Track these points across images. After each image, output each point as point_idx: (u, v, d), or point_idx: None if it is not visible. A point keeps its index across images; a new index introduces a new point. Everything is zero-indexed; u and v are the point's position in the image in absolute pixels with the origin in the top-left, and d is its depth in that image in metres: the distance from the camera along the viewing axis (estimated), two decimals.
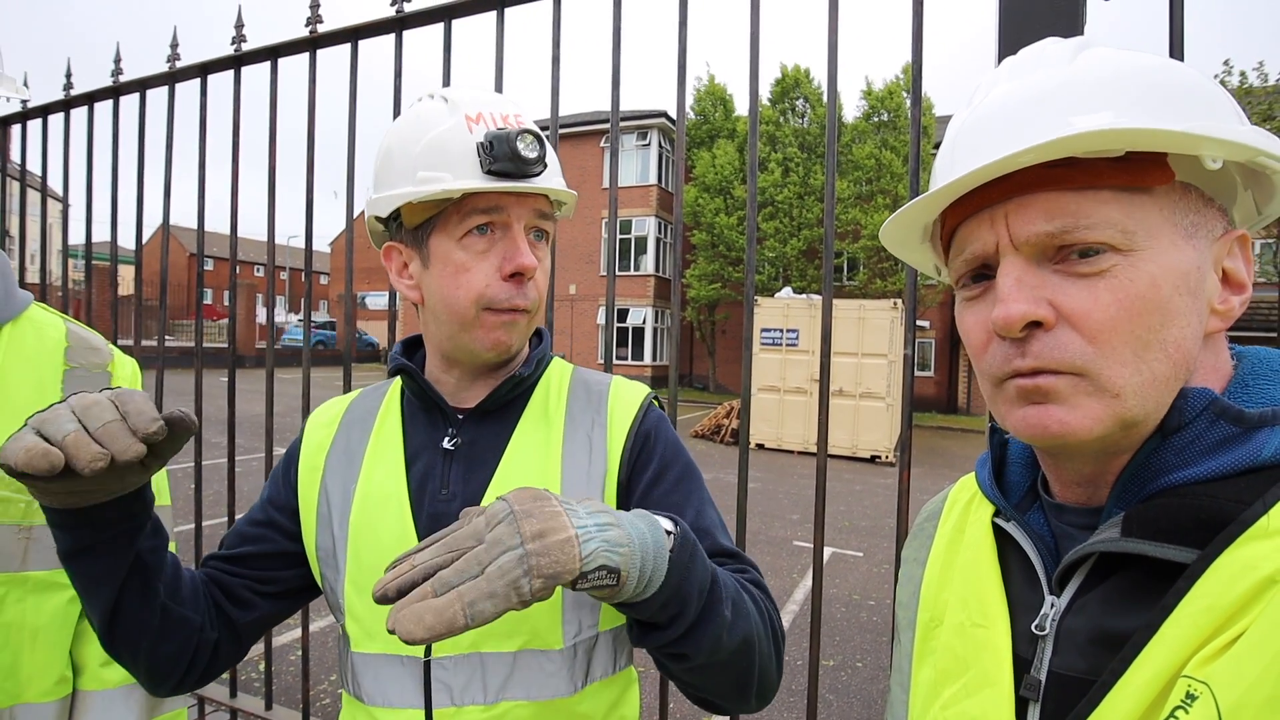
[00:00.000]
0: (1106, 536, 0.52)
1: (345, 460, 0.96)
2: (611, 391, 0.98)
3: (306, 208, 1.90)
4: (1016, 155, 0.50)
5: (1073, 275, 0.52)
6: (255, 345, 27.16)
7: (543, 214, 0.92)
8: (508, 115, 0.90)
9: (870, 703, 3.99)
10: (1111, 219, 0.51)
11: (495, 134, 0.86)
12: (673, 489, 0.92)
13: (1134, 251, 0.51)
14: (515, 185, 0.86)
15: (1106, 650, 0.50)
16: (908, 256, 0.72)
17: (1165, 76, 0.52)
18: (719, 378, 25.65)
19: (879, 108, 21.56)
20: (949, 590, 0.67)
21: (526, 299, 0.89)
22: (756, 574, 0.91)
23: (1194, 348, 0.53)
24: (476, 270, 0.88)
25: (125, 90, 2.25)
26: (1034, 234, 0.52)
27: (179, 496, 7.13)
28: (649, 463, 0.93)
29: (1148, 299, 0.50)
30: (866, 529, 7.87)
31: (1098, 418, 0.51)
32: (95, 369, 0.97)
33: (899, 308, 13.21)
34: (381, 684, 0.87)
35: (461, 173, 0.86)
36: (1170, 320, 0.51)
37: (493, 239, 0.89)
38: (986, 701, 0.57)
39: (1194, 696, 0.43)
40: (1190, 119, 0.50)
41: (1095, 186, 0.51)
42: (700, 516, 0.91)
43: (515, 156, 0.85)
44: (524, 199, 0.89)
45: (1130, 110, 0.51)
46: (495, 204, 0.88)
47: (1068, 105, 0.52)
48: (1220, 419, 0.51)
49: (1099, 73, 0.53)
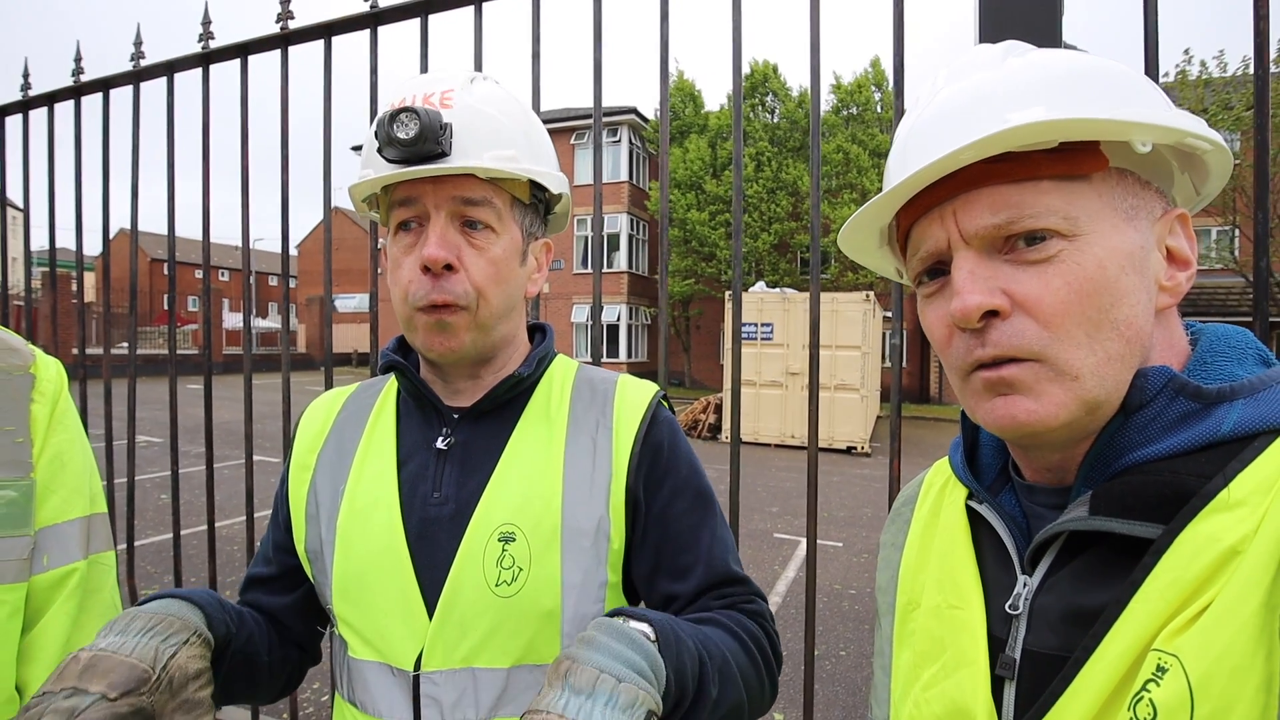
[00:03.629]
0: (1075, 515, 0.54)
1: (337, 459, 0.93)
2: (618, 391, 0.94)
3: (282, 207, 1.86)
4: (956, 154, 0.53)
5: (1023, 264, 0.54)
6: (223, 351, 26.59)
7: (468, 200, 0.83)
8: (430, 95, 0.82)
9: (855, 690, 4.04)
10: (1053, 207, 0.53)
11: (380, 117, 0.80)
12: (688, 512, 0.90)
13: (1078, 236, 0.53)
14: (410, 172, 0.79)
15: (1078, 627, 0.52)
16: (868, 261, 0.74)
17: (1092, 71, 0.55)
18: (694, 373, 25.72)
19: (848, 101, 21.74)
20: (926, 573, 0.68)
21: (445, 294, 0.82)
22: (759, 601, 0.91)
23: (1145, 324, 0.55)
24: (404, 266, 0.84)
25: (87, 90, 2.18)
26: (981, 227, 0.55)
27: (150, 507, 6.96)
28: (662, 481, 0.90)
29: (1095, 280, 0.52)
30: (844, 519, 7.95)
31: (1062, 403, 0.53)
32: (16, 371, 0.91)
33: (871, 300, 13.37)
34: (373, 693, 0.84)
35: (376, 165, 0.83)
36: (1119, 299, 0.53)
37: (418, 233, 0.84)
38: (964, 681, 0.58)
39: (1164, 669, 0.45)
40: (1118, 107, 0.53)
41: (1035, 177, 0.54)
42: (714, 543, 0.90)
43: (392, 140, 0.78)
44: (441, 185, 0.82)
45: (1061, 103, 0.54)
46: (408, 194, 0.83)
47: (1003, 103, 0.55)
48: (1180, 395, 0.53)
49: (1030, 72, 0.56)
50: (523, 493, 0.85)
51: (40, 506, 0.89)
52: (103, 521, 0.98)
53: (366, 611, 0.85)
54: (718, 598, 0.89)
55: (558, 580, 0.82)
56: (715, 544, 0.90)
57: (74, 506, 0.92)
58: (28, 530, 0.86)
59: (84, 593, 0.90)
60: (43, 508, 0.89)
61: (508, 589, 0.81)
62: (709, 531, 0.90)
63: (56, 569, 0.88)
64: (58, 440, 0.93)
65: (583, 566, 0.84)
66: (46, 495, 0.90)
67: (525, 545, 0.82)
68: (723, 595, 0.89)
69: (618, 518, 0.86)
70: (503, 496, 0.84)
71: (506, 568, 0.82)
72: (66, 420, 0.95)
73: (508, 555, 0.82)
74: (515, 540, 0.82)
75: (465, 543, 0.82)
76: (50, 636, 0.87)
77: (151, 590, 4.94)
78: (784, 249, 22.62)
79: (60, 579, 0.88)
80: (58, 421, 0.93)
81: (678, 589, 0.88)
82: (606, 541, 0.85)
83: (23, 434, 0.89)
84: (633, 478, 0.87)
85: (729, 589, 0.90)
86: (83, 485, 0.95)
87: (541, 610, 0.82)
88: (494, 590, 0.81)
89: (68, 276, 17.18)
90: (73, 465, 0.94)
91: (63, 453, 0.93)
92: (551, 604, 0.82)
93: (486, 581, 0.81)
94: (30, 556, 0.86)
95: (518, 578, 0.81)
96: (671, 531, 0.89)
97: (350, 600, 0.86)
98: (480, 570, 0.81)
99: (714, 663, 0.74)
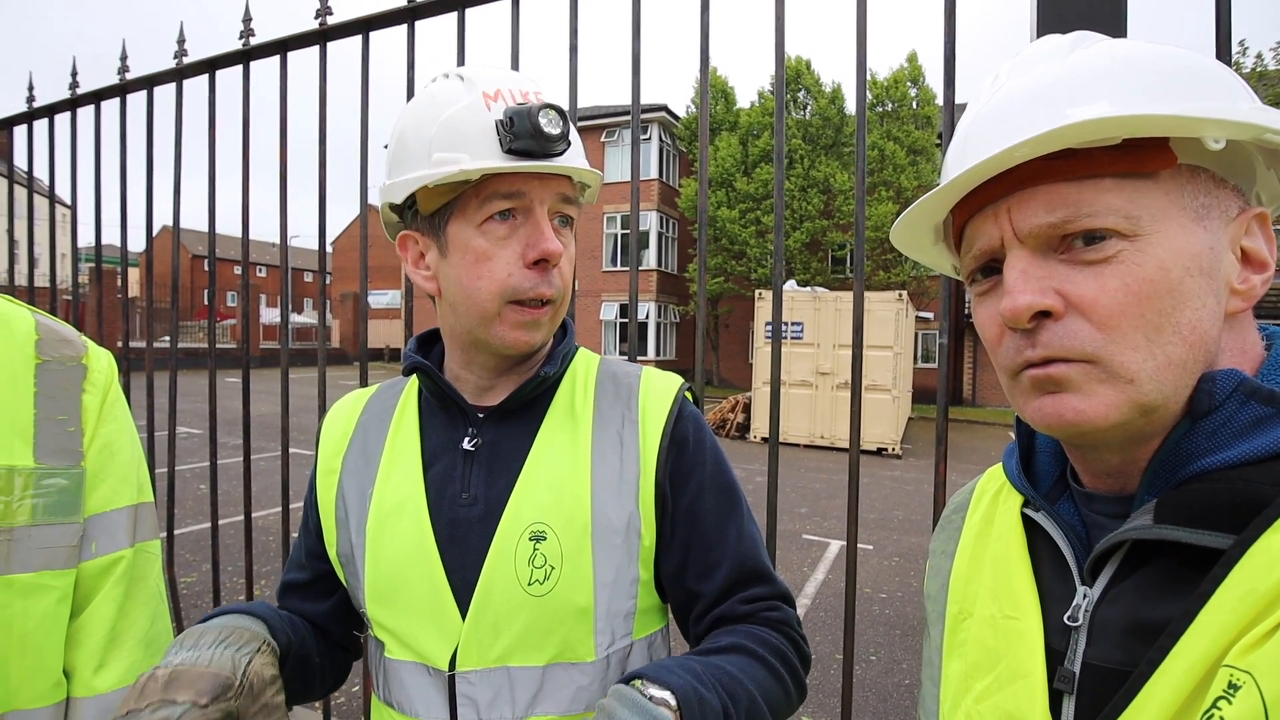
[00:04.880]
0: (1139, 524, 0.52)
1: (362, 462, 0.93)
2: (642, 385, 0.93)
3: (320, 203, 1.88)
4: (1010, 151, 0.51)
5: (1079, 264, 0.52)
6: (260, 346, 27.18)
7: (566, 198, 0.86)
8: (527, 92, 0.84)
9: (885, 696, 3.97)
10: (1113, 206, 0.51)
11: (515, 109, 0.80)
12: (715, 508, 0.89)
13: (1140, 236, 0.51)
14: (538, 165, 0.81)
15: (1143, 640, 0.50)
16: (921, 257, 0.72)
17: (1166, 63, 0.52)
18: (723, 371, 25.62)
19: (884, 98, 21.43)
20: (978, 582, 0.66)
21: (552, 287, 0.84)
22: (783, 608, 0.89)
23: (1212, 329, 0.52)
24: (499, 258, 0.82)
25: (132, 88, 2.22)
26: (1036, 226, 0.53)
27: (190, 496, 7.13)
28: (689, 476, 0.89)
29: (1156, 283, 0.50)
30: (875, 522, 7.85)
31: (1113, 404, 0.51)
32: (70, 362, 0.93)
33: (904, 300, 13.17)
34: (409, 693, 0.84)
35: (480, 153, 0.80)
36: (1182, 303, 0.51)
37: (515, 224, 0.83)
38: (1020, 693, 0.57)
39: (1237, 686, 0.43)
40: (1190, 101, 0.50)
41: (1095, 175, 0.51)
42: (741, 539, 0.89)
43: (537, 133, 0.79)
44: (547, 181, 0.83)
45: (1128, 98, 0.51)
46: (517, 187, 0.82)
47: (1065, 97, 0.52)
48: (1251, 400, 0.51)
49: (1096, 64, 0.53)
50: (552, 491, 0.84)
51: (90, 494, 0.90)
52: (149, 510, 0.99)
53: (400, 613, 0.85)
54: (744, 601, 0.88)
55: (590, 578, 0.82)
56: (742, 540, 0.89)
57: (122, 495, 0.94)
58: (77, 518, 0.88)
59: (130, 580, 0.92)
60: (92, 496, 0.90)
61: (540, 588, 0.81)
62: (735, 527, 0.89)
63: (104, 556, 0.90)
64: (108, 430, 0.94)
65: (614, 563, 0.83)
66: (96, 484, 0.91)
67: (557, 543, 0.82)
68: (749, 599, 0.88)
69: (648, 514, 0.86)
70: (532, 495, 0.84)
71: (539, 566, 0.81)
72: (116, 410, 0.97)
73: (539, 554, 0.82)
74: (546, 539, 0.82)
75: (496, 542, 0.82)
76: (97, 622, 0.88)
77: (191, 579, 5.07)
78: (815, 247, 22.40)
79: (108, 566, 0.90)
80: (108, 411, 0.95)
81: (704, 588, 0.87)
82: (638, 538, 0.85)
83: (74, 423, 0.91)
84: (661, 473, 0.87)
85: (755, 588, 0.88)
86: (131, 474, 0.96)
87: (575, 608, 0.81)
88: (526, 589, 0.81)
89: (113, 272, 17.71)
90: (121, 454, 0.95)
91: (112, 442, 0.94)
92: (584, 601, 0.82)
93: (519, 580, 0.81)
94: (79, 543, 0.87)
95: (550, 576, 0.81)
96: (699, 529, 0.88)
97: (383, 603, 0.86)
98: (512, 569, 0.81)
99: (739, 707, 0.74)
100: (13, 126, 2.63)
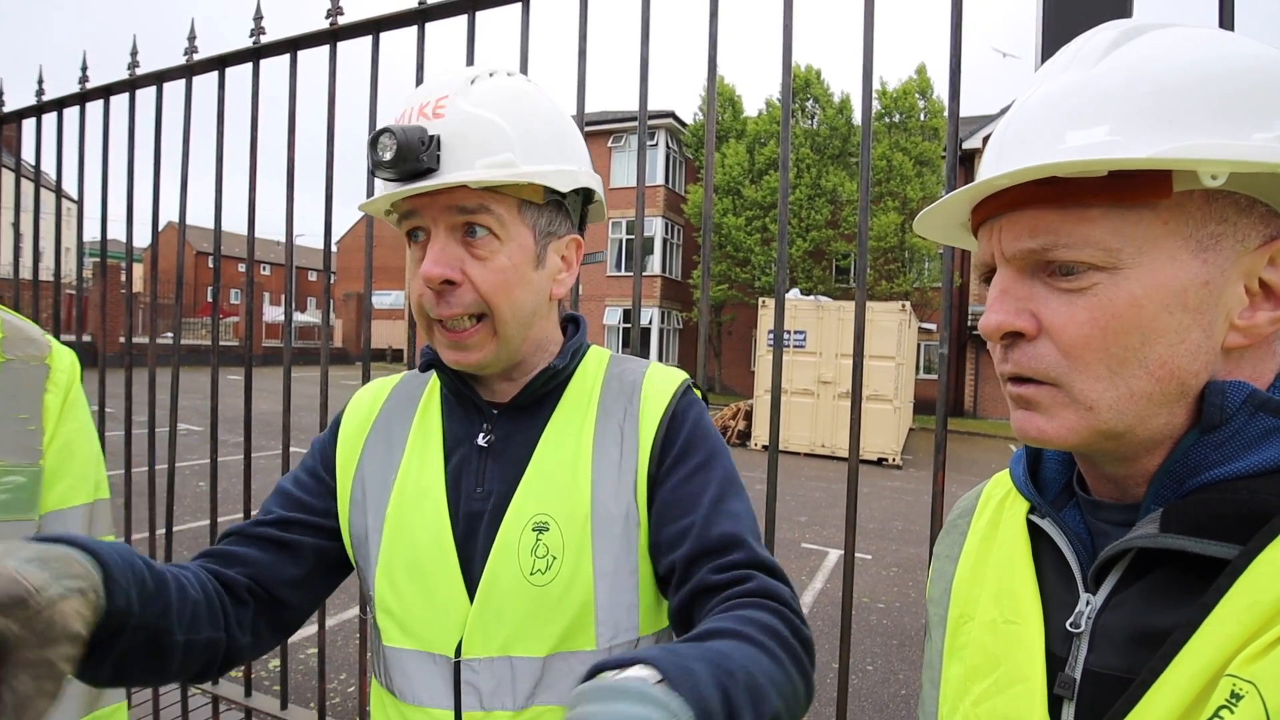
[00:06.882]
0: (1145, 532, 0.52)
1: (385, 448, 0.94)
2: (645, 379, 0.93)
3: (326, 203, 1.88)
4: (993, 180, 0.52)
5: (1057, 289, 0.53)
6: (262, 344, 27.24)
7: (465, 209, 0.81)
8: (424, 105, 0.82)
9: (882, 706, 3.96)
10: (1092, 239, 0.50)
11: (371, 139, 0.80)
12: (689, 478, 0.84)
13: (1118, 270, 0.50)
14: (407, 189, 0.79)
15: (1145, 648, 0.50)
16: (953, 240, 0.73)
17: (1196, 74, 0.49)
18: (725, 379, 25.60)
19: (891, 108, 21.46)
20: (981, 586, 0.67)
21: (450, 308, 0.82)
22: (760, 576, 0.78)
23: (1191, 364, 0.51)
24: (413, 280, 0.86)
25: (141, 83, 2.23)
26: (1019, 250, 0.54)
27: (189, 493, 7.13)
28: (672, 446, 0.86)
29: (1124, 318, 0.50)
30: (874, 531, 7.83)
31: (1072, 428, 0.53)
32: (33, 361, 0.95)
33: (906, 310, 13.17)
34: (412, 681, 0.85)
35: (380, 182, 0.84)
36: (1153, 338, 0.50)
37: (424, 245, 0.84)
38: (1019, 698, 0.57)
39: (1240, 696, 0.43)
40: (1190, 135, 0.47)
41: (1082, 204, 0.51)
42: (717, 507, 0.82)
43: (378, 164, 0.79)
44: (436, 197, 0.81)
45: (1129, 123, 0.49)
46: (410, 208, 0.83)
47: (1070, 117, 0.52)
48: (1260, 412, 0.51)
49: (1114, 78, 0.51)
50: (556, 482, 0.85)
51: (47, 492, 0.92)
52: (105, 507, 1.01)
53: (410, 599, 0.86)
54: (716, 570, 0.78)
55: (590, 568, 0.83)
56: (719, 508, 0.82)
57: (79, 493, 0.96)
58: (33, 515, 0.89)
59: None
60: (49, 493, 0.92)
61: (542, 578, 0.82)
62: (712, 496, 0.83)
63: None
64: (67, 429, 0.96)
65: (614, 554, 0.84)
66: (53, 481, 0.93)
67: (559, 534, 0.83)
68: (722, 568, 0.78)
69: (643, 504, 0.86)
70: (537, 487, 0.85)
71: (540, 557, 0.82)
72: (77, 410, 0.98)
73: (542, 544, 0.83)
74: (549, 530, 0.83)
75: (501, 533, 0.83)
76: None
77: None
78: (819, 256, 22.40)
79: None
80: (68, 411, 0.97)
81: (674, 557, 0.81)
82: (637, 529, 0.85)
83: (35, 422, 0.92)
84: (653, 463, 0.87)
85: (731, 555, 0.79)
86: (88, 473, 0.98)
87: (575, 598, 0.82)
88: (529, 579, 0.82)
89: (117, 267, 17.72)
90: (80, 453, 0.97)
91: (71, 441, 0.96)
92: (585, 592, 0.82)
93: (521, 571, 0.82)
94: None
95: (551, 566, 0.82)
96: (673, 498, 0.84)
97: (394, 586, 0.87)
98: (515, 560, 0.82)
99: (736, 683, 0.61)
100: (21, 119, 2.64)
